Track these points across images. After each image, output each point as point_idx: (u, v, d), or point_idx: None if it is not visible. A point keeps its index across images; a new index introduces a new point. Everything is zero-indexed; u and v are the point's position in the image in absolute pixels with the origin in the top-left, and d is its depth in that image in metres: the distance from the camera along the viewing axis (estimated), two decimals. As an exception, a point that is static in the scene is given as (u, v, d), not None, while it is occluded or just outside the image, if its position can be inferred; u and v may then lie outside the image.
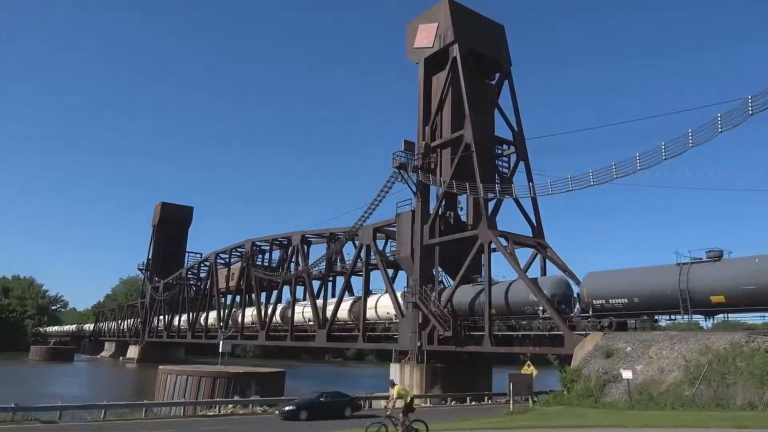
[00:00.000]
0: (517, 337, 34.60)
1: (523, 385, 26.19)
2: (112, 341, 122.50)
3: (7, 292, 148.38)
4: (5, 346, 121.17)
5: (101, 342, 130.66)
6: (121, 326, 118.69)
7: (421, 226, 40.39)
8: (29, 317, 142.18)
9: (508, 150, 42.32)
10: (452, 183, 37.79)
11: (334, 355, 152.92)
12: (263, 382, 34.74)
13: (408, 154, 41.80)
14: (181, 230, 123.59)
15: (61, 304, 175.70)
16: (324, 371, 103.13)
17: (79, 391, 46.87)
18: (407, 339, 39.29)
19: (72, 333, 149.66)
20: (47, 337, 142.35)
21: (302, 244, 58.35)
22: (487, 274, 36.68)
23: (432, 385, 36.72)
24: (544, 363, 37.72)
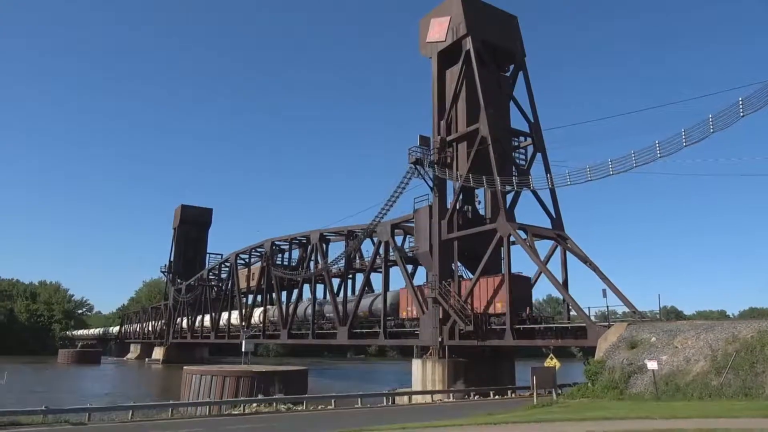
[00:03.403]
0: (539, 330, 34.36)
1: (547, 378, 26.02)
2: (138, 343, 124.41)
3: (35, 298, 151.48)
4: (34, 350, 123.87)
5: (127, 344, 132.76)
6: (146, 328, 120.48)
7: (438, 221, 40.28)
8: (56, 321, 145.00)
9: (524, 142, 41.95)
10: (469, 177, 37.60)
11: (357, 352, 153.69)
12: (286, 380, 35.03)
13: (424, 150, 41.66)
14: (202, 232, 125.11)
15: (86, 308, 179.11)
16: (347, 368, 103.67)
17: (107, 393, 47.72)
18: (428, 334, 39.25)
19: (98, 336, 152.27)
20: (74, 341, 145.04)
21: (321, 243, 58.55)
22: (506, 267, 36.48)
23: (455, 380, 36.63)
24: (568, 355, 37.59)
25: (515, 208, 39.33)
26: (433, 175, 41.24)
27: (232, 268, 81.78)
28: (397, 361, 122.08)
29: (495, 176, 36.25)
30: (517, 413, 20.87)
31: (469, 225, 39.86)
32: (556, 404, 23.53)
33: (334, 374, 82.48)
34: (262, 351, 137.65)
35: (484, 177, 36.38)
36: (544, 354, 36.76)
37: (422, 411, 26.15)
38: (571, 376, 37.96)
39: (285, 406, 28.04)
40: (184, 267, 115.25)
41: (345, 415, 24.61)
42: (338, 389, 43.72)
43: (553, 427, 15.93)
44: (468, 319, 35.98)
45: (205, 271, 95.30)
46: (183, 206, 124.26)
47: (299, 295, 62.93)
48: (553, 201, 39.07)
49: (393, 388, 38.68)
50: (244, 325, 70.20)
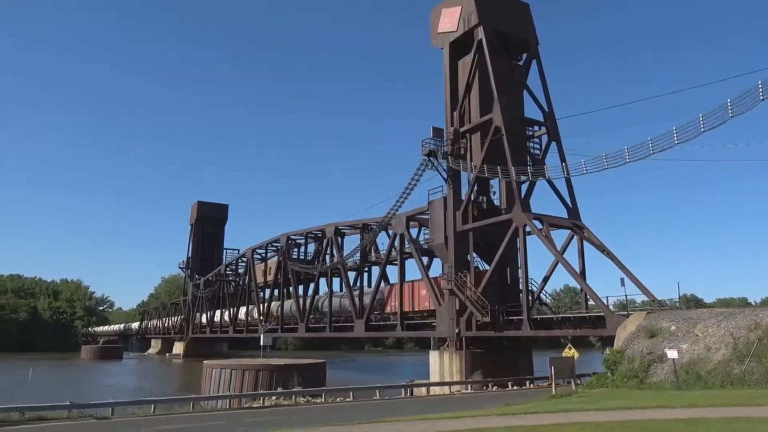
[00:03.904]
0: (557, 320, 34.19)
1: (565, 368, 25.89)
2: (158, 338, 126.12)
3: (57, 296, 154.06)
4: (57, 346, 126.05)
5: (148, 339, 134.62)
6: (166, 324, 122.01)
7: (453, 213, 40.15)
8: (78, 318, 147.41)
9: (539, 131, 41.54)
10: (483, 167, 37.37)
11: (374, 344, 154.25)
12: (305, 373, 35.30)
13: (437, 141, 41.45)
14: (218, 228, 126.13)
15: (107, 305, 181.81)
16: (364, 360, 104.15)
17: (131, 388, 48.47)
18: (445, 326, 39.25)
19: (119, 332, 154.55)
20: (96, 337, 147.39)
21: (336, 236, 58.68)
22: (522, 257, 36.33)
23: (472, 371, 36.63)
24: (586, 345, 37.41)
25: (530, 198, 38.96)
26: (447, 167, 41.05)
27: (249, 263, 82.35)
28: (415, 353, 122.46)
29: (509, 166, 35.98)
30: (536, 403, 20.81)
31: (484, 216, 39.67)
32: (575, 394, 23.42)
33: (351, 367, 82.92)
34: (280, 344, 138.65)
35: (498, 167, 36.14)
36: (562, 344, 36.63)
37: (440, 402, 26.19)
38: (589, 365, 37.77)
39: (304, 399, 28.26)
40: (202, 263, 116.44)
41: (364, 407, 24.75)
42: (356, 381, 43.94)
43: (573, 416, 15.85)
44: (485, 310, 35.91)
45: (222, 267, 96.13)
46: (199, 203, 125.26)
47: (316, 289, 63.25)
48: (568, 190, 38.73)
49: (411, 379, 38.79)
50: (262, 319, 70.75)
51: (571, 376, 26.32)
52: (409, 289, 46.50)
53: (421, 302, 44.75)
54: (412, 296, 45.76)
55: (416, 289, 45.40)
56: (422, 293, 44.35)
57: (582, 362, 30.82)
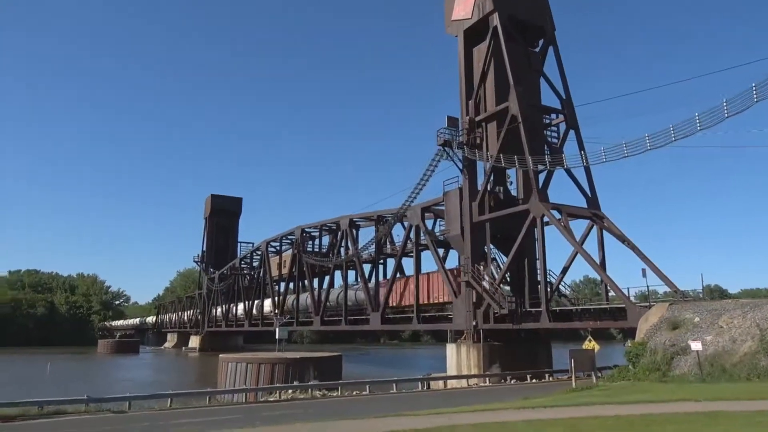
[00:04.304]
0: (577, 312, 33.98)
1: (586, 360, 25.76)
2: (174, 332, 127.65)
3: (74, 290, 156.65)
4: (74, 341, 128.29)
5: (164, 333, 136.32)
6: (182, 317, 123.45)
7: (469, 203, 39.99)
8: (95, 313, 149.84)
9: (556, 119, 41.17)
10: (500, 157, 37.14)
11: (390, 337, 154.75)
12: (321, 366, 35.48)
13: (452, 131, 41.27)
14: (232, 221, 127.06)
15: (123, 299, 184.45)
16: (380, 354, 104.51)
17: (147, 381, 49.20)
18: (462, 319, 39.21)
19: (136, 326, 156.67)
20: (113, 331, 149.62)
21: (351, 228, 58.79)
22: (540, 248, 36.12)
23: (490, 364, 36.58)
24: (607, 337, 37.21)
25: (548, 187, 38.72)
26: (462, 157, 40.87)
27: (264, 256, 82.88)
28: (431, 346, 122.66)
29: (526, 155, 35.71)
30: (556, 397, 20.70)
31: (500, 206, 39.48)
32: (596, 387, 23.27)
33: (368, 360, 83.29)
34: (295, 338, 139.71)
35: (515, 156, 35.90)
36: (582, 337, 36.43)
37: (458, 396, 26.19)
38: (610, 358, 37.60)
39: (320, 393, 28.43)
40: (216, 256, 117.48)
41: (380, 401, 24.83)
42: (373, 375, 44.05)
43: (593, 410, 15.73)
44: (502, 301, 35.79)
45: (237, 260, 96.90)
46: (213, 196, 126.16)
47: (331, 282, 63.48)
48: (587, 179, 38.38)
49: (428, 373, 38.85)
50: (277, 312, 71.24)
51: (592, 369, 26.21)
52: (401, 285, 48.21)
53: (431, 294, 45.58)
54: (418, 289, 46.84)
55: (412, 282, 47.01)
56: (432, 285, 45.43)
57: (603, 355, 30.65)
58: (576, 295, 48.73)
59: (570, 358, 25.11)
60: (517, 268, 39.07)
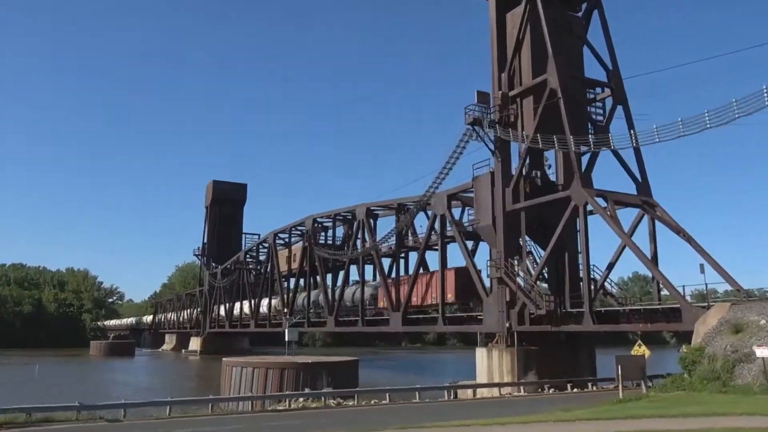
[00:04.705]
0: (624, 313, 33.75)
1: (634, 368, 25.65)
2: (173, 333, 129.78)
3: (63, 286, 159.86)
4: (64, 341, 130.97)
5: (161, 334, 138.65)
6: (181, 317, 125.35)
7: (502, 190, 39.81)
8: (86, 311, 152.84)
9: (602, 93, 40.71)
10: (537, 137, 36.87)
11: (412, 340, 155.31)
12: (335, 372, 35.73)
13: (483, 108, 41.02)
14: (236, 210, 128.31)
15: (117, 296, 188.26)
16: (401, 358, 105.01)
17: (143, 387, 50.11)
18: (494, 320, 39.18)
19: (131, 326, 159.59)
20: (106, 332, 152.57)
21: (368, 218, 58.93)
22: (583, 240, 35.86)
23: (525, 371, 36.54)
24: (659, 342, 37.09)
25: (592, 171, 38.39)
26: (494, 137, 40.64)
27: (271, 249, 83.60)
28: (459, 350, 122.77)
29: (567, 135, 35.38)
30: (600, 408, 20.63)
31: (538, 193, 39.24)
32: (646, 398, 23.17)
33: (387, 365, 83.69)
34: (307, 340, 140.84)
35: (554, 136, 35.59)
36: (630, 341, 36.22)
37: (488, 406, 26.22)
38: (663, 365, 37.23)
39: (334, 401, 28.68)
40: (219, 249, 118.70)
41: (401, 411, 24.97)
42: (393, 382, 44.37)
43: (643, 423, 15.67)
44: (540, 301, 35.68)
45: (241, 253, 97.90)
46: (214, 182, 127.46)
47: (346, 278, 63.84)
48: (637, 162, 37.94)
49: (455, 380, 38.94)
50: (286, 312, 71.91)
51: (641, 378, 26.08)
52: (425, 281, 49.39)
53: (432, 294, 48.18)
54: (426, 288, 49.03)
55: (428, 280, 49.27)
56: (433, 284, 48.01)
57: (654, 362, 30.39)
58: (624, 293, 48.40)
59: (616, 365, 24.98)
60: (557, 263, 38.90)
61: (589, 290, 34.44)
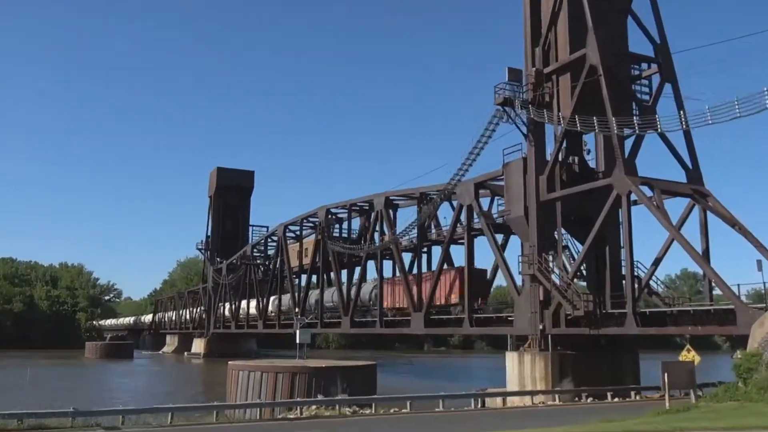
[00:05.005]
0: (672, 314, 33.49)
1: (682, 375, 25.55)
2: (174, 334, 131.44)
3: (56, 283, 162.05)
4: (58, 342, 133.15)
5: (162, 335, 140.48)
6: (183, 316, 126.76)
7: (536, 177, 39.61)
8: (81, 310, 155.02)
9: (648, 70, 40.25)
10: (574, 118, 36.59)
11: (436, 343, 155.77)
12: (351, 377, 35.95)
13: (514, 86, 40.81)
14: (243, 199, 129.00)
15: (114, 294, 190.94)
16: (423, 363, 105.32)
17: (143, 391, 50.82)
18: (526, 321, 39.09)
19: (129, 326, 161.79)
20: (102, 332, 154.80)
21: (387, 209, 58.96)
22: (626, 233, 35.60)
23: (561, 377, 36.44)
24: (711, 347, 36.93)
25: (637, 157, 38.02)
26: (527, 119, 40.45)
27: (281, 242, 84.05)
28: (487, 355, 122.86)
29: (609, 116, 35.08)
30: (643, 420, 20.56)
31: (575, 181, 39.02)
32: (696, 409, 23.04)
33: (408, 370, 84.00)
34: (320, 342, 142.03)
35: (594, 118, 35.30)
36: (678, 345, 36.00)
37: (519, 416, 26.24)
38: (714, 373, 36.97)
39: (350, 409, 28.84)
40: (224, 243, 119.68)
41: (423, 421, 25.11)
42: (414, 389, 44.53)
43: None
44: (577, 301, 35.51)
45: (248, 247, 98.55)
46: (219, 169, 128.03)
47: (362, 274, 64.00)
48: (688, 147, 37.54)
49: (482, 387, 39.00)
50: (297, 311, 72.35)
51: (690, 386, 26.01)
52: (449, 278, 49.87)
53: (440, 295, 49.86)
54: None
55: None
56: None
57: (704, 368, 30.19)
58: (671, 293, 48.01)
59: (663, 372, 24.86)
60: (596, 259, 38.70)
61: (633, 289, 34.21)
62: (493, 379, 49.56)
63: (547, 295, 37.96)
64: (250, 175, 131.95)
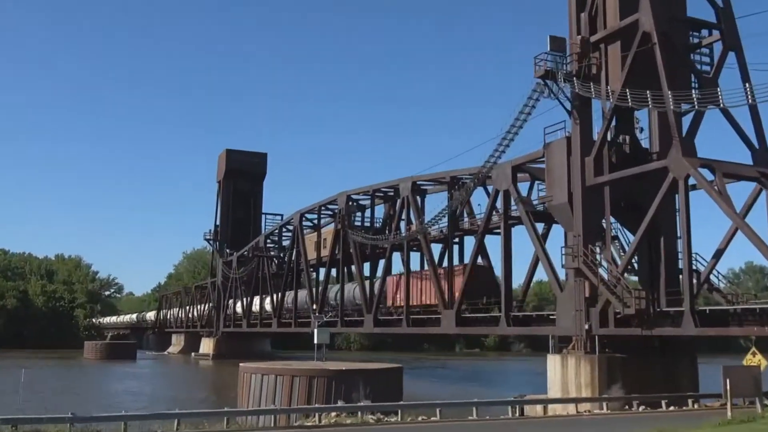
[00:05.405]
0: (735, 313, 33.12)
1: (747, 381, 25.34)
2: (180, 333, 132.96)
3: (52, 276, 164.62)
4: (55, 342, 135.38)
5: (167, 334, 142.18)
6: (190, 313, 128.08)
7: (581, 159, 39.31)
8: (79, 306, 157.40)
9: (708, 37, 39.66)
10: (625, 92, 36.18)
11: (468, 344, 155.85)
12: (374, 381, 36.09)
13: (557, 57, 40.48)
14: (255, 185, 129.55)
15: (115, 289, 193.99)
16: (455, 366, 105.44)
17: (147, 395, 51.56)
18: (569, 320, 38.92)
19: (131, 324, 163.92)
20: (102, 330, 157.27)
21: (414, 195, 58.90)
22: (683, 222, 35.19)
23: (609, 383, 36.26)
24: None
25: (696, 136, 37.59)
26: (571, 93, 40.12)
27: (297, 232, 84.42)
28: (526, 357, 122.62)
29: (665, 90, 34.66)
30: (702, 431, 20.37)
31: (626, 163, 38.63)
32: (762, 419, 22.84)
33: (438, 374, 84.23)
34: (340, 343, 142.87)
35: (648, 92, 34.92)
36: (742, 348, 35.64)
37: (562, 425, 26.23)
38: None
39: (373, 417, 28.97)
40: (234, 232, 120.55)
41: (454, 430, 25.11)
42: (444, 394, 44.62)
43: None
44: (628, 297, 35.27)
45: (261, 238, 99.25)
46: (228, 151, 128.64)
47: (387, 267, 64.03)
48: (754, 124, 37.03)
49: (521, 393, 38.97)
50: (315, 308, 72.72)
51: (756, 394, 25.79)
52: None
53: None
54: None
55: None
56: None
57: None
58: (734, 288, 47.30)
59: (724, 378, 24.72)
60: (649, 251, 38.37)
61: (691, 284, 33.82)
62: (533, 384, 49.48)
63: (593, 291, 37.73)
64: (262, 158, 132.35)
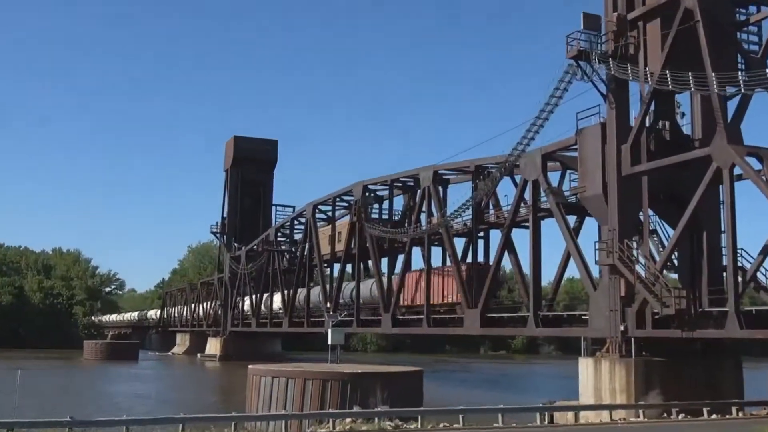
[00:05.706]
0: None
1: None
2: (185, 332, 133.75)
3: (49, 272, 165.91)
4: (53, 341, 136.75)
5: (171, 333, 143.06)
6: (196, 312, 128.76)
7: (617, 147, 39.13)
8: (78, 303, 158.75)
9: (757, 14, 39.28)
10: (665, 74, 35.94)
11: (494, 346, 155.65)
12: (392, 385, 36.23)
13: (591, 36, 40.34)
14: (265, 174, 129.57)
15: (116, 285, 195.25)
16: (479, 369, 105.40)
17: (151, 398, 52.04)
18: (603, 321, 38.82)
19: (133, 323, 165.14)
20: (103, 329, 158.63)
21: (436, 185, 58.79)
22: (728, 215, 34.99)
23: (646, 389, 36.18)
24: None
25: (742, 122, 37.31)
26: (606, 75, 39.95)
27: (310, 225, 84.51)
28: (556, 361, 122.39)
29: (708, 71, 34.38)
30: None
31: (666, 151, 38.41)
32: (812, 429, 22.69)
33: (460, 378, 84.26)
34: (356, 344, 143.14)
35: (690, 74, 34.67)
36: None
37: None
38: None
39: (391, 423, 29.04)
40: (243, 225, 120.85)
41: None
42: (468, 400, 44.68)
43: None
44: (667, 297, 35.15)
45: (271, 231, 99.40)
46: (236, 138, 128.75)
47: (406, 263, 64.03)
48: (807, 108, 36.66)
49: (550, 399, 38.95)
50: (329, 307, 72.89)
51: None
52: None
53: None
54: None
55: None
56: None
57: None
58: None
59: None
60: (691, 246, 38.19)
61: (736, 283, 33.57)
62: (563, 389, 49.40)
63: (630, 289, 37.59)
64: (273, 146, 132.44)
